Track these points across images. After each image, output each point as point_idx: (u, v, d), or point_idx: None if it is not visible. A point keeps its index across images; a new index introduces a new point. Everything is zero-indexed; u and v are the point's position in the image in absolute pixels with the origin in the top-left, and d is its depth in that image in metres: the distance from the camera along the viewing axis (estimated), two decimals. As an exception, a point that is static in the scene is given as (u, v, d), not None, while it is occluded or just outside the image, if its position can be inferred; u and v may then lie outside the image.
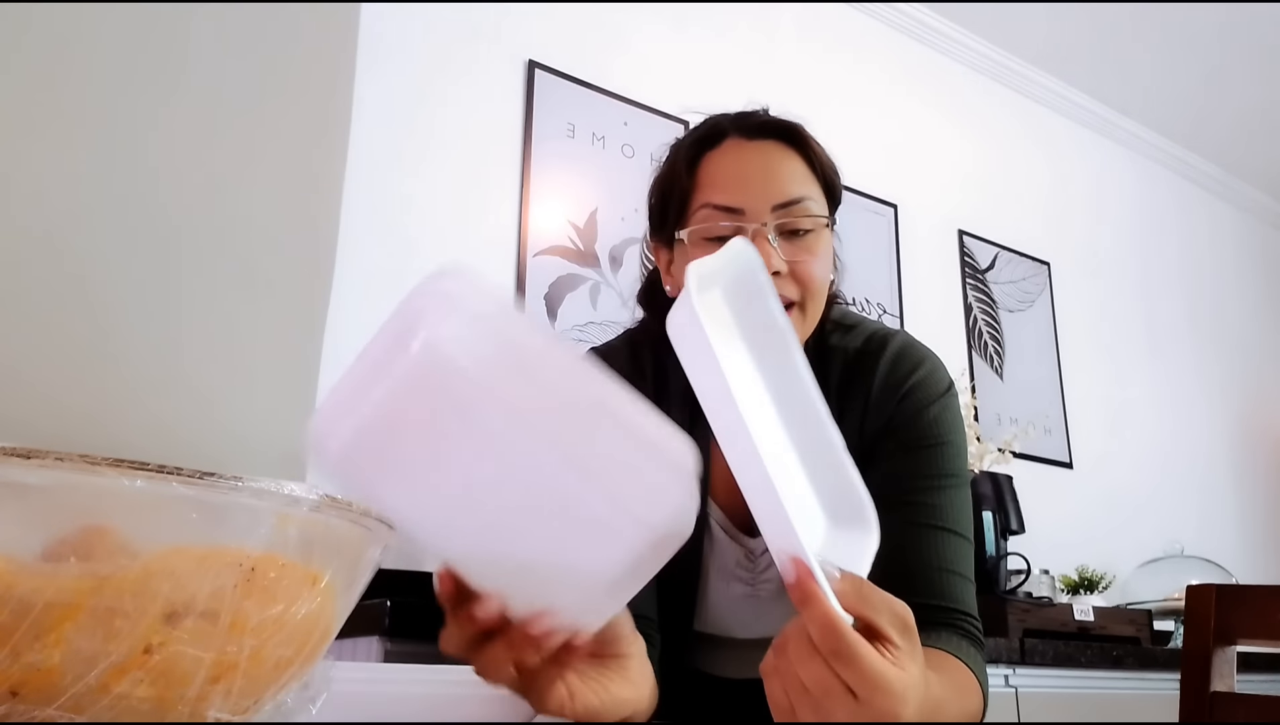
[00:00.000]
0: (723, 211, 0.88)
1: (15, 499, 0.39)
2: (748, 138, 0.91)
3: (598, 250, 2.25)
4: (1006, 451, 2.57)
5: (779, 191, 0.88)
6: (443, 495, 0.48)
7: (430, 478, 0.48)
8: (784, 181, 0.89)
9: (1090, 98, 3.55)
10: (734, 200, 0.88)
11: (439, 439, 0.47)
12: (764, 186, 0.88)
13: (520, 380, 0.47)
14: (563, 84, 2.31)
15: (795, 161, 0.91)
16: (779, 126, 0.92)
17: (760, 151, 0.91)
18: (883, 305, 2.77)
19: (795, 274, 0.87)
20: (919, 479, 0.88)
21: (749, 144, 0.91)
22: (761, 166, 0.90)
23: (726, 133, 0.92)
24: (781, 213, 0.87)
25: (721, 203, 0.88)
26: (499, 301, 0.51)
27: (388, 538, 0.51)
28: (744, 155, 0.91)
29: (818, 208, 0.90)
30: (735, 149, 0.91)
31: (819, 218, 0.89)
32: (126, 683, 0.39)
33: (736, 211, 0.88)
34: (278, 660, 0.44)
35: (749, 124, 0.92)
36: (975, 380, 2.92)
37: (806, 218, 0.88)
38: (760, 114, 0.94)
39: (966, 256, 3.09)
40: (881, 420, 0.91)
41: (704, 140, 0.93)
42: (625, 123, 2.38)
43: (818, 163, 0.92)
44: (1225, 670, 1.00)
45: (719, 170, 0.90)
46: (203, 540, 0.43)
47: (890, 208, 2.88)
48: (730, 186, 0.89)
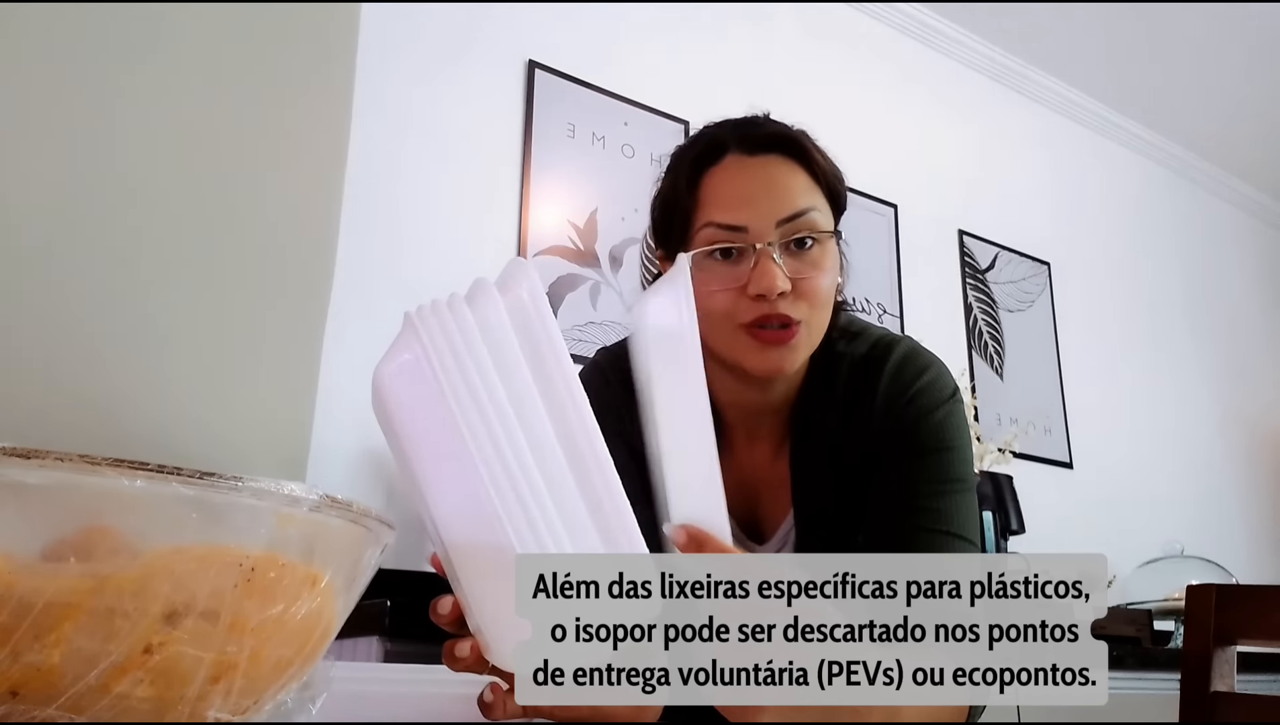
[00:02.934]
0: (726, 230, 0.87)
1: (15, 499, 0.39)
2: (749, 153, 0.90)
3: (598, 250, 2.25)
4: (1006, 451, 2.57)
5: (783, 206, 0.87)
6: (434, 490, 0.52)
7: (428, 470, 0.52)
8: (787, 196, 0.88)
9: (1090, 97, 3.55)
10: (737, 218, 0.87)
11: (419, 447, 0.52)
12: (767, 203, 0.87)
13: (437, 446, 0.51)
14: (563, 84, 2.31)
15: (798, 174, 0.90)
16: (781, 138, 0.91)
17: (762, 167, 0.90)
18: (883, 305, 2.77)
19: (800, 290, 0.86)
20: (924, 484, 0.88)
21: (750, 159, 0.90)
22: (764, 183, 0.89)
23: (727, 148, 0.91)
24: (786, 228, 0.87)
25: (724, 221, 0.87)
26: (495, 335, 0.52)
27: (388, 538, 0.51)
28: (746, 171, 0.89)
29: (823, 220, 0.89)
30: (737, 165, 0.90)
31: (824, 231, 0.89)
32: (126, 683, 0.39)
33: (740, 230, 0.87)
34: (278, 660, 0.44)
35: (750, 138, 0.91)
36: (975, 380, 2.92)
37: (811, 231, 0.88)
38: (761, 124, 0.93)
39: (966, 256, 3.09)
40: (886, 426, 0.91)
41: (704, 156, 0.92)
42: (625, 123, 2.38)
43: (821, 173, 0.91)
44: (1225, 670, 1.00)
45: (721, 188, 0.89)
46: (203, 540, 0.43)
47: (890, 208, 2.88)
48: (733, 205, 0.88)
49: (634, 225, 2.27)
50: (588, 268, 2.22)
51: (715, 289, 0.87)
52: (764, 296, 0.85)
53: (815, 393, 0.95)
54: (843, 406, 0.93)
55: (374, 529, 0.50)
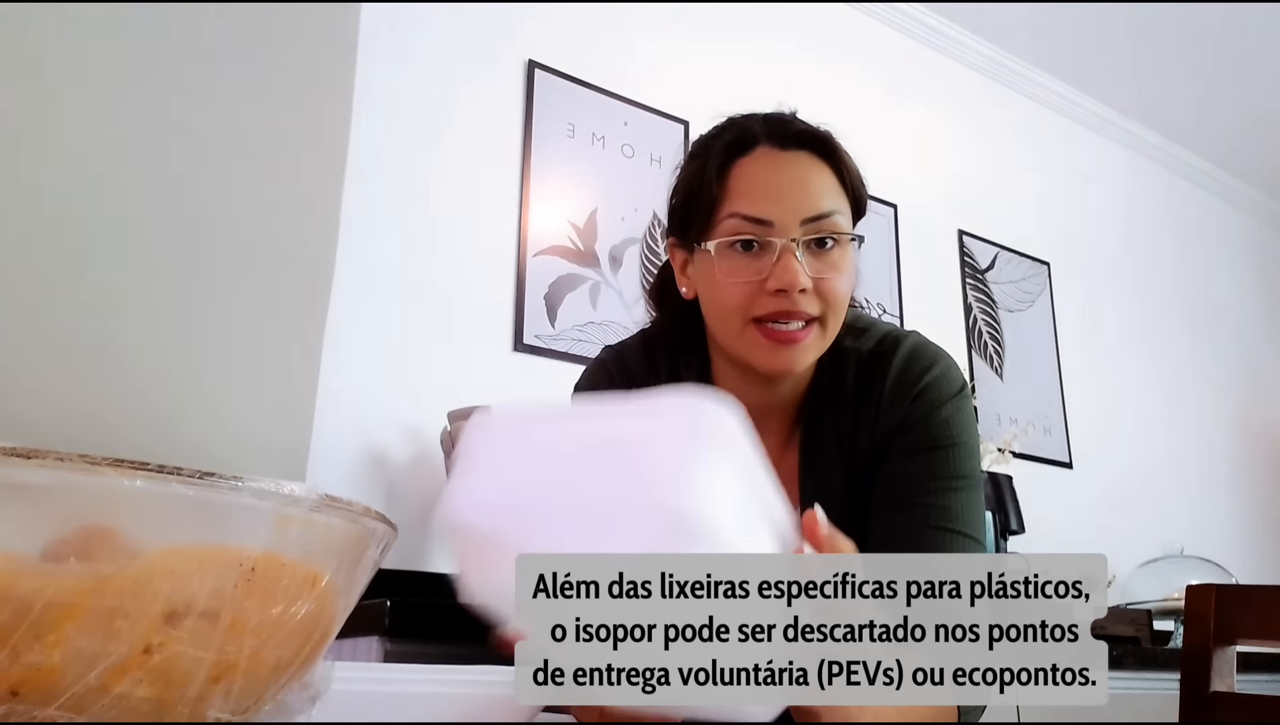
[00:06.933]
0: (751, 223, 0.87)
1: (15, 499, 0.39)
2: (780, 147, 0.90)
3: (598, 250, 2.25)
4: (1006, 451, 2.57)
5: (810, 205, 0.87)
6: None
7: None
8: (815, 195, 0.88)
9: (1090, 98, 3.55)
10: (764, 212, 0.87)
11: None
12: (795, 199, 0.87)
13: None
14: (563, 84, 2.31)
15: (826, 174, 0.89)
16: (812, 136, 0.91)
17: (793, 163, 0.89)
18: (883, 305, 2.77)
19: (819, 290, 0.86)
20: (930, 480, 0.88)
21: (781, 154, 0.89)
22: (794, 179, 0.88)
23: (759, 140, 0.90)
24: (810, 227, 0.86)
25: (751, 214, 0.87)
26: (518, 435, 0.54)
27: (388, 538, 0.51)
28: (776, 166, 0.89)
29: (845, 222, 0.89)
30: (767, 158, 0.89)
31: (846, 234, 0.88)
32: (126, 683, 0.39)
33: (766, 223, 0.86)
34: (278, 660, 0.44)
35: (782, 133, 0.90)
36: (975, 380, 2.92)
37: (834, 232, 0.87)
38: (792, 121, 0.92)
39: (966, 256, 3.09)
40: (893, 421, 0.91)
41: (735, 146, 0.91)
42: (625, 123, 2.38)
43: (848, 176, 0.91)
44: (1225, 670, 1.00)
45: (750, 180, 0.89)
46: (203, 540, 0.43)
47: (890, 208, 2.88)
48: (761, 198, 0.87)
49: (634, 225, 2.27)
50: (588, 268, 2.22)
51: (734, 281, 0.87)
52: (784, 292, 0.85)
53: (823, 389, 0.95)
54: (851, 402, 0.93)
55: (374, 529, 0.50)
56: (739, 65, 2.63)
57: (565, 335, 2.13)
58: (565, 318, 2.15)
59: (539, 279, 2.14)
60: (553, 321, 2.13)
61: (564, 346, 2.12)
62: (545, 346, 2.10)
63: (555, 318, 2.14)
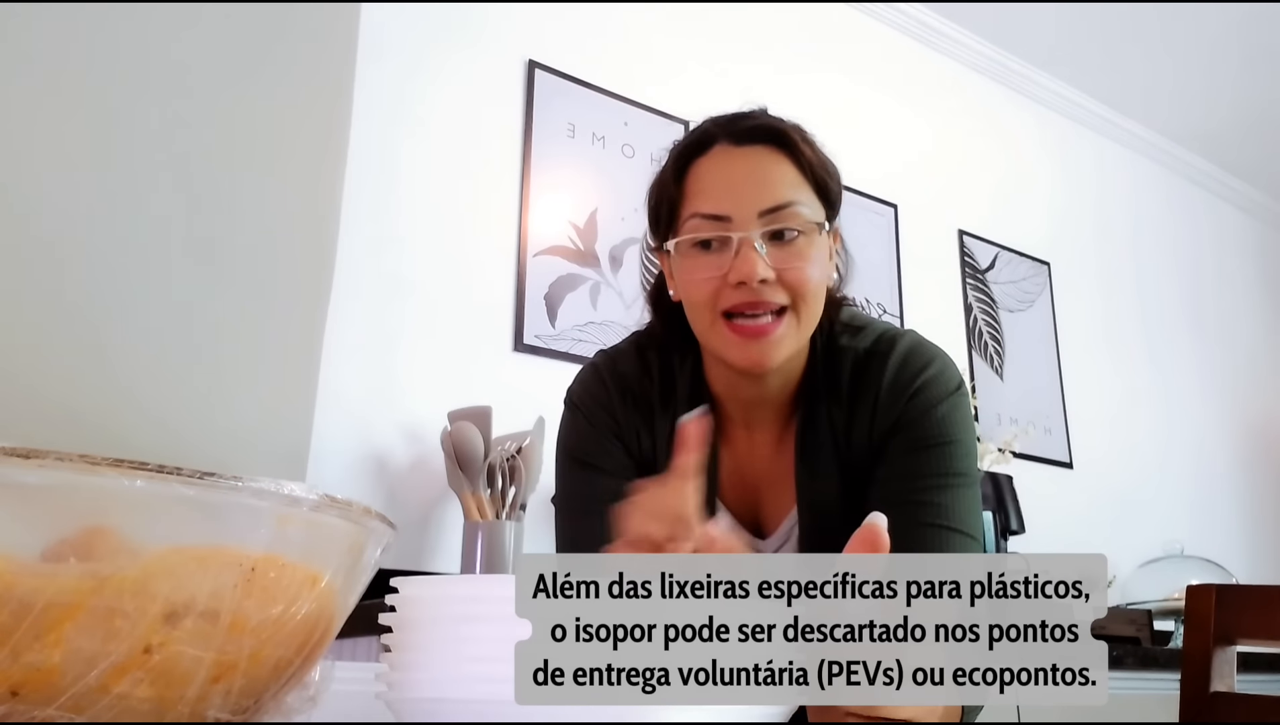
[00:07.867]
0: (710, 220, 0.88)
1: (15, 499, 0.39)
2: (735, 144, 0.91)
3: (598, 250, 2.25)
4: (1006, 451, 2.57)
5: (766, 197, 0.87)
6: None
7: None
8: (771, 187, 0.88)
9: (1091, 98, 3.55)
10: (720, 208, 0.88)
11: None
12: (750, 193, 0.88)
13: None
14: (563, 84, 2.31)
15: (784, 165, 0.90)
16: (767, 130, 0.91)
17: (747, 157, 0.90)
18: (883, 305, 2.77)
19: (785, 280, 0.87)
20: (927, 478, 0.88)
21: (736, 150, 0.90)
22: (747, 173, 0.89)
23: (715, 139, 0.92)
24: (769, 218, 0.87)
25: (708, 211, 0.88)
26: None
27: (388, 538, 0.51)
28: (731, 162, 0.90)
29: (808, 212, 0.89)
30: (722, 156, 0.91)
31: (808, 221, 0.89)
32: (126, 683, 0.39)
33: (724, 219, 0.87)
34: (278, 660, 0.44)
35: (737, 129, 0.92)
36: (975, 380, 2.92)
37: (794, 224, 0.88)
38: (751, 117, 0.93)
39: (966, 256, 3.09)
40: (890, 419, 0.91)
41: (692, 147, 0.93)
42: (625, 123, 2.38)
43: (808, 165, 0.91)
44: (1225, 670, 1.00)
45: (705, 178, 0.90)
46: (203, 540, 0.43)
47: (890, 208, 2.88)
48: (717, 194, 0.88)
49: (634, 225, 2.27)
50: (588, 268, 2.22)
51: (698, 277, 0.88)
52: (744, 284, 0.86)
53: (818, 386, 0.95)
54: (847, 400, 0.93)
55: (374, 529, 0.50)
56: (739, 65, 2.63)
57: (565, 335, 2.13)
58: (565, 318, 2.15)
59: (539, 279, 2.14)
60: (553, 321, 2.13)
61: (564, 346, 2.12)
62: (545, 346, 2.10)
63: (555, 318, 2.14)
